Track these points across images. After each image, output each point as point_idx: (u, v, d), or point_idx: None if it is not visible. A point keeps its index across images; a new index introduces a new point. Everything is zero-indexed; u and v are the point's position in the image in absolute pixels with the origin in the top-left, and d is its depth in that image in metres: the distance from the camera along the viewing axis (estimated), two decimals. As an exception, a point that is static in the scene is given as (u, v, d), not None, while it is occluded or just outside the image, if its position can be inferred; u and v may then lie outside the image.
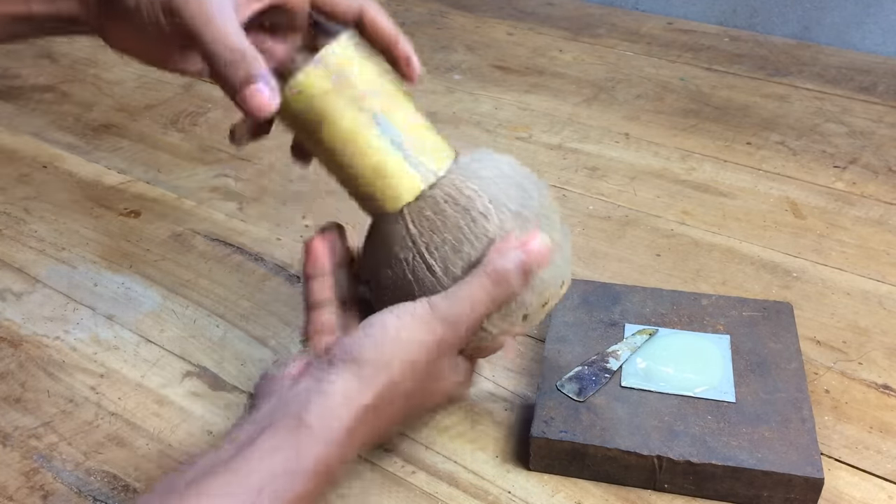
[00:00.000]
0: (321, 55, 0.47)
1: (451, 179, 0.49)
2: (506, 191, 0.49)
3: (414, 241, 0.49)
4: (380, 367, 0.44)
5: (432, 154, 0.50)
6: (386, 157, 0.49)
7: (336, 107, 0.48)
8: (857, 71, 1.03)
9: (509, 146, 0.91)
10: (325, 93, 0.47)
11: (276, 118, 0.49)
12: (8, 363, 0.65)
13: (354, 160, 0.49)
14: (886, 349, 0.63)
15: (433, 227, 0.48)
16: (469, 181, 0.49)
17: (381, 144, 0.49)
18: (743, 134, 0.91)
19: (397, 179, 0.49)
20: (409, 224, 0.49)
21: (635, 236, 0.76)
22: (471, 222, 0.48)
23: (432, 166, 0.49)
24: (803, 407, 0.54)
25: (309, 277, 0.50)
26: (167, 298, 0.71)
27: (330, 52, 0.47)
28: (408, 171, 0.49)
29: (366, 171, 0.49)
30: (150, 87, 1.06)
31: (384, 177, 0.49)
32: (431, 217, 0.48)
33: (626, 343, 0.59)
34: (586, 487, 0.54)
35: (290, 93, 0.47)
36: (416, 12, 1.24)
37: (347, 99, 0.48)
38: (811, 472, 0.50)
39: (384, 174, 0.49)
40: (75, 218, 0.81)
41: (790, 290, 0.69)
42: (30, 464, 0.56)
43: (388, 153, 0.49)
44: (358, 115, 0.48)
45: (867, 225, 0.77)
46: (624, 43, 1.13)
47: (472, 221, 0.48)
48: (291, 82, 0.47)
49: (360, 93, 0.48)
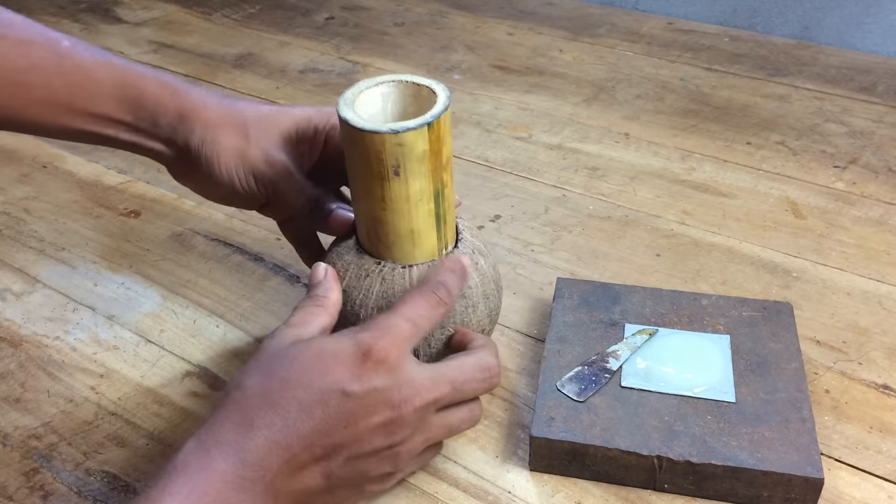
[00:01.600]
0: (430, 117, 0.49)
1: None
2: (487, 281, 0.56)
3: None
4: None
5: (451, 230, 0.55)
6: (429, 229, 0.53)
7: (419, 171, 0.50)
8: (857, 71, 1.03)
9: (509, 146, 0.91)
10: (424, 153, 0.49)
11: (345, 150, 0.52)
12: (8, 363, 0.65)
13: (398, 216, 0.51)
14: (886, 349, 0.63)
15: None
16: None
17: (431, 216, 0.52)
18: (743, 134, 0.91)
19: (423, 249, 0.53)
20: (414, 282, 0.53)
21: (635, 236, 0.76)
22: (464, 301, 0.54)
23: (450, 244, 0.55)
24: (803, 407, 0.54)
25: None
26: (167, 298, 0.71)
27: (437, 115, 0.49)
28: (434, 244, 0.54)
29: (401, 228, 0.52)
30: (150, 87, 1.06)
31: (413, 241, 0.53)
32: None
33: (626, 343, 0.59)
34: (586, 487, 0.54)
35: (389, 140, 0.48)
36: (416, 12, 1.24)
37: (431, 165, 0.50)
38: (811, 472, 0.50)
39: (418, 240, 0.53)
40: (75, 218, 0.81)
41: (790, 290, 0.69)
42: (30, 464, 0.56)
43: (431, 226, 0.53)
44: (428, 183, 0.51)
45: (867, 225, 0.77)
46: (624, 43, 1.14)
47: (462, 298, 0.54)
48: (400, 133, 0.48)
49: (442, 163, 0.51)
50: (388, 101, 0.54)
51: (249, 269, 0.74)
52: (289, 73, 1.09)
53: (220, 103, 0.57)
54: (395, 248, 0.53)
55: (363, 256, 0.54)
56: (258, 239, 0.78)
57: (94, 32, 1.23)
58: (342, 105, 0.50)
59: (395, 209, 0.51)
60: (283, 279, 0.72)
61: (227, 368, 0.64)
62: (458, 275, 0.50)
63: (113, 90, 0.54)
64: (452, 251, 0.55)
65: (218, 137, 0.55)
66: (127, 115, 0.55)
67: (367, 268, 0.54)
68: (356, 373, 0.44)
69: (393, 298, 0.53)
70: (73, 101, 0.54)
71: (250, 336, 0.67)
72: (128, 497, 0.54)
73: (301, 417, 0.43)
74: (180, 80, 0.57)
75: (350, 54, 1.13)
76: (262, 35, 1.21)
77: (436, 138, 0.49)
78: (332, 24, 1.23)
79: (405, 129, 0.48)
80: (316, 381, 0.43)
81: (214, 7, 1.31)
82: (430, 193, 0.51)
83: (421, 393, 0.45)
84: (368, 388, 0.44)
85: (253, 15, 1.28)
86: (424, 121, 0.49)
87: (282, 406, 0.43)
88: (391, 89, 0.53)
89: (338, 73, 1.08)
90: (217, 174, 0.56)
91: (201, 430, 0.43)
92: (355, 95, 0.51)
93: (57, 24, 1.26)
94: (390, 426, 0.45)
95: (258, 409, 0.43)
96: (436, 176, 0.51)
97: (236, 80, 1.07)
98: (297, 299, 0.70)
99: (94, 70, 0.54)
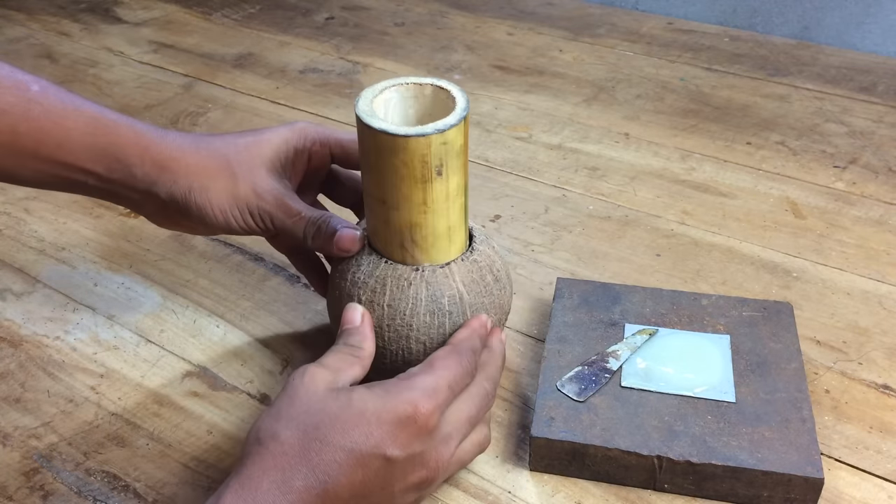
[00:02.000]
0: (463, 111, 0.49)
1: (479, 251, 0.55)
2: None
3: (461, 296, 0.53)
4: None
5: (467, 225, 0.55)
6: (462, 223, 0.53)
7: (457, 166, 0.50)
8: (857, 71, 1.03)
9: (509, 146, 0.91)
10: (461, 147, 0.50)
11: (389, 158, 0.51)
12: (8, 363, 0.65)
13: (438, 216, 0.51)
14: (886, 349, 0.63)
15: (476, 284, 0.54)
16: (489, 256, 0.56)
17: (463, 209, 0.52)
18: (743, 134, 0.91)
19: (457, 244, 0.53)
20: (456, 279, 0.53)
21: (635, 236, 0.76)
22: (493, 283, 0.55)
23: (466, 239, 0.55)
24: (803, 407, 0.54)
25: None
26: (167, 298, 0.71)
27: (466, 106, 0.49)
28: (464, 237, 0.54)
29: (440, 228, 0.52)
30: (150, 87, 1.06)
31: (450, 238, 0.53)
32: (477, 279, 0.54)
33: (626, 343, 0.59)
34: (586, 487, 0.54)
35: (435, 141, 0.48)
36: (416, 12, 1.24)
37: (464, 159, 0.50)
38: (811, 472, 0.50)
39: (453, 237, 0.53)
40: (75, 218, 0.81)
41: (790, 290, 0.69)
42: (30, 464, 0.56)
43: (463, 220, 0.53)
44: (462, 177, 0.51)
45: (867, 225, 0.77)
46: (624, 43, 1.14)
47: (496, 282, 0.55)
48: (445, 131, 0.48)
49: (467, 155, 0.51)
50: (389, 106, 0.53)
51: (249, 269, 0.74)
52: (289, 73, 1.09)
53: (198, 147, 0.55)
54: (434, 249, 0.52)
55: (395, 266, 0.53)
56: (258, 239, 0.77)
57: (94, 32, 1.23)
58: (370, 118, 0.49)
59: (436, 210, 0.50)
60: (283, 279, 0.72)
61: (227, 368, 0.64)
62: (498, 356, 0.51)
63: (83, 138, 0.53)
64: (475, 248, 0.55)
65: (205, 183, 0.54)
66: (97, 166, 0.54)
67: (405, 277, 0.52)
68: (399, 438, 0.43)
69: (442, 300, 0.52)
70: (38, 148, 0.52)
71: (250, 336, 0.67)
72: (128, 497, 0.54)
73: (340, 481, 0.42)
74: (153, 127, 0.55)
75: (350, 54, 1.13)
76: (262, 35, 1.21)
77: (467, 130, 0.50)
78: (332, 24, 1.23)
79: (448, 126, 0.48)
80: (357, 446, 0.43)
81: (214, 7, 1.31)
82: (463, 187, 0.51)
83: (450, 446, 0.46)
84: (409, 454, 0.44)
85: (253, 15, 1.28)
86: (461, 115, 0.49)
87: (321, 469, 0.42)
88: (393, 94, 0.53)
89: (338, 73, 1.08)
90: (212, 219, 0.55)
91: (237, 479, 0.42)
92: (369, 104, 0.50)
93: (57, 24, 1.26)
94: (423, 483, 0.46)
95: (297, 470, 0.42)
96: (466, 169, 0.51)
97: (236, 80, 1.07)
98: (297, 299, 0.70)
99: (63, 117, 0.53)
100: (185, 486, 0.55)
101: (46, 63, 1.14)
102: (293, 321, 0.68)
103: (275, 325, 0.68)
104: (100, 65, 1.13)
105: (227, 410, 0.60)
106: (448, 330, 0.53)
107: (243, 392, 0.62)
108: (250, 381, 0.63)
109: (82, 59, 1.14)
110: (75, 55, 1.16)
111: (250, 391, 0.62)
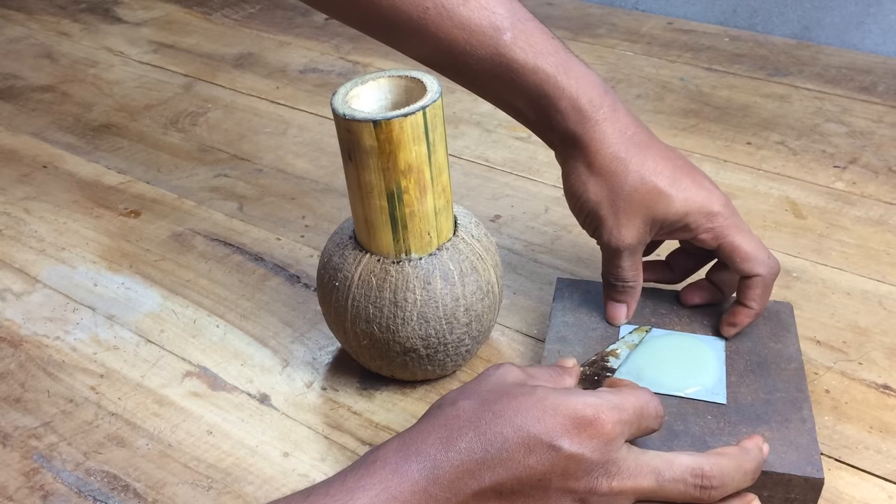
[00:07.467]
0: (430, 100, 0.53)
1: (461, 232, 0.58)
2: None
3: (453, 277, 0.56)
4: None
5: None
6: (446, 208, 0.56)
7: (440, 136, 0.54)
8: (857, 71, 1.03)
9: (509, 146, 0.91)
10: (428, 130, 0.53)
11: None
12: (8, 363, 0.65)
13: (419, 201, 0.54)
14: (886, 349, 0.63)
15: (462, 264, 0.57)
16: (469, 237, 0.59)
17: (445, 194, 0.56)
18: (743, 134, 0.91)
19: (445, 231, 0.57)
20: (447, 258, 0.56)
21: (635, 236, 0.76)
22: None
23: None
24: (803, 407, 0.54)
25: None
26: (167, 298, 0.71)
27: (429, 103, 0.52)
28: (452, 219, 0.58)
29: (427, 210, 0.55)
30: (150, 87, 1.06)
31: (447, 216, 0.56)
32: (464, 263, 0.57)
33: (624, 342, 0.59)
34: (586, 487, 0.54)
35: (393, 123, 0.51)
36: (416, 12, 1.24)
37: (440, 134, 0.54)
38: (811, 472, 0.50)
39: (446, 216, 0.56)
40: (75, 218, 0.81)
41: (790, 290, 0.69)
42: (30, 464, 0.56)
43: (447, 206, 0.57)
44: (445, 154, 0.56)
45: (867, 225, 0.77)
46: (624, 43, 1.14)
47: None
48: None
49: (445, 146, 0.55)
50: (362, 98, 0.56)
51: (249, 269, 0.74)
52: (289, 73, 1.09)
53: (616, 149, 0.58)
54: (416, 238, 0.56)
55: (378, 257, 0.56)
56: (258, 239, 0.78)
57: (94, 32, 1.23)
58: (341, 107, 0.52)
59: (418, 195, 0.55)
60: (283, 279, 0.72)
61: (227, 368, 0.64)
62: (742, 456, 0.47)
63: (531, 92, 0.57)
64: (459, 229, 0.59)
65: (590, 178, 0.57)
66: (532, 114, 0.58)
67: (387, 267, 0.56)
68: (572, 432, 0.42)
69: (433, 283, 0.56)
70: (490, 86, 0.59)
71: (250, 336, 0.67)
72: (128, 497, 0.54)
73: (501, 455, 0.42)
74: (595, 103, 0.58)
75: (350, 54, 1.13)
76: (262, 35, 1.21)
77: (436, 116, 0.54)
78: (332, 23, 1.23)
79: (416, 110, 0.52)
80: (528, 426, 0.42)
81: (214, 7, 1.31)
82: (440, 168, 0.56)
83: (622, 474, 0.43)
84: (576, 452, 0.42)
85: (253, 15, 1.28)
86: (424, 104, 0.52)
87: (487, 438, 0.42)
88: (370, 87, 0.56)
89: (338, 73, 1.08)
90: (570, 190, 0.59)
91: (407, 432, 0.43)
92: (344, 98, 0.53)
93: (57, 24, 1.26)
94: (582, 496, 0.43)
95: (464, 433, 0.42)
96: (443, 151, 0.56)
97: (236, 80, 1.07)
98: (297, 299, 0.70)
99: (523, 72, 0.57)
100: (185, 486, 0.55)
101: (46, 63, 1.14)
102: (293, 321, 0.68)
103: (275, 325, 0.68)
104: (100, 65, 1.13)
105: (227, 410, 0.60)
106: (441, 310, 0.56)
107: (243, 392, 0.62)
108: (250, 381, 0.63)
109: (82, 59, 1.14)
110: (75, 55, 1.16)
111: (250, 391, 0.62)
